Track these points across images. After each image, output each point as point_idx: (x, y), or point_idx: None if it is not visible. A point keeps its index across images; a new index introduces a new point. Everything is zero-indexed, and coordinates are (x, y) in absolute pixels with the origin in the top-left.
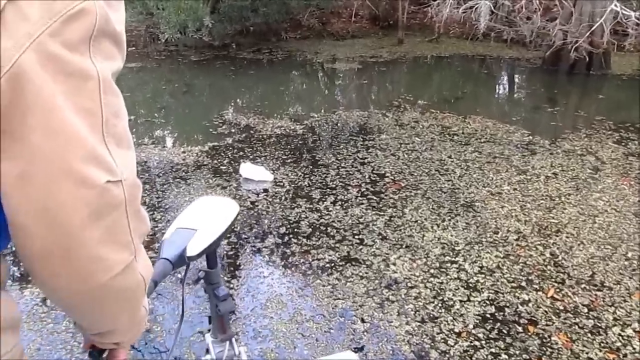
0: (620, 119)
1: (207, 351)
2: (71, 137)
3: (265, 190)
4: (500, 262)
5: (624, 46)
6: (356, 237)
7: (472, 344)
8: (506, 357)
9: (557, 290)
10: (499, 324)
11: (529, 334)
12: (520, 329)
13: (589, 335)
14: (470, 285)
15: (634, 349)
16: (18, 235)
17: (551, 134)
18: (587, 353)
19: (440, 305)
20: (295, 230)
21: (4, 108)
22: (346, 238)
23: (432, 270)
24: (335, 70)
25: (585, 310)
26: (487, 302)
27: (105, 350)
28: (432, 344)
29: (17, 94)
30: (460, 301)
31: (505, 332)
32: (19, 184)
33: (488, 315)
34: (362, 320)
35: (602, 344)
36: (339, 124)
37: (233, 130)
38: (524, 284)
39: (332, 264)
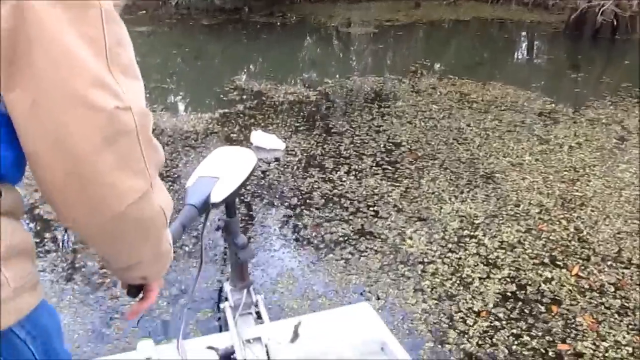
0: None
1: (226, 299)
2: (76, 63)
3: (277, 159)
4: (521, 237)
5: None
6: (371, 209)
7: (492, 324)
8: (528, 338)
9: (582, 267)
10: (520, 303)
11: (552, 314)
12: (543, 308)
13: (616, 316)
14: (490, 261)
15: None
16: (36, 166)
17: (574, 101)
18: (614, 336)
19: (458, 282)
20: (308, 201)
21: (9, 37)
22: (360, 210)
23: (450, 245)
24: (349, 35)
25: (612, 289)
26: (508, 279)
27: (142, 286)
28: (450, 324)
29: (20, 22)
30: (480, 278)
31: (527, 312)
32: (31, 113)
33: (509, 294)
34: (377, 297)
35: (630, 326)
36: (353, 90)
37: (244, 97)
38: (546, 260)
39: (346, 238)
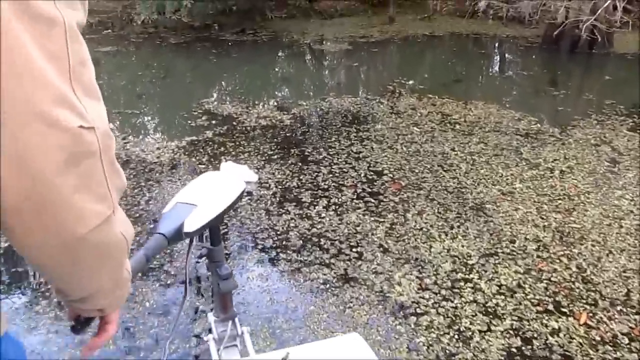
0: (631, 102)
1: (210, 330)
2: (39, 79)
3: (249, 194)
4: (521, 279)
5: (633, 22)
6: (354, 250)
7: None
8: None
9: (590, 314)
10: None
11: None
12: None
13: None
14: (490, 309)
15: None
16: None
17: (560, 120)
18: None
19: (456, 337)
20: (284, 242)
21: None
22: (342, 252)
23: (443, 292)
24: (323, 52)
25: (626, 340)
26: (511, 332)
27: (90, 321)
28: None
29: None
30: (480, 331)
31: None
32: None
33: (514, 350)
34: None
35: None
36: (329, 113)
37: (214, 122)
38: (551, 307)
39: (327, 286)
